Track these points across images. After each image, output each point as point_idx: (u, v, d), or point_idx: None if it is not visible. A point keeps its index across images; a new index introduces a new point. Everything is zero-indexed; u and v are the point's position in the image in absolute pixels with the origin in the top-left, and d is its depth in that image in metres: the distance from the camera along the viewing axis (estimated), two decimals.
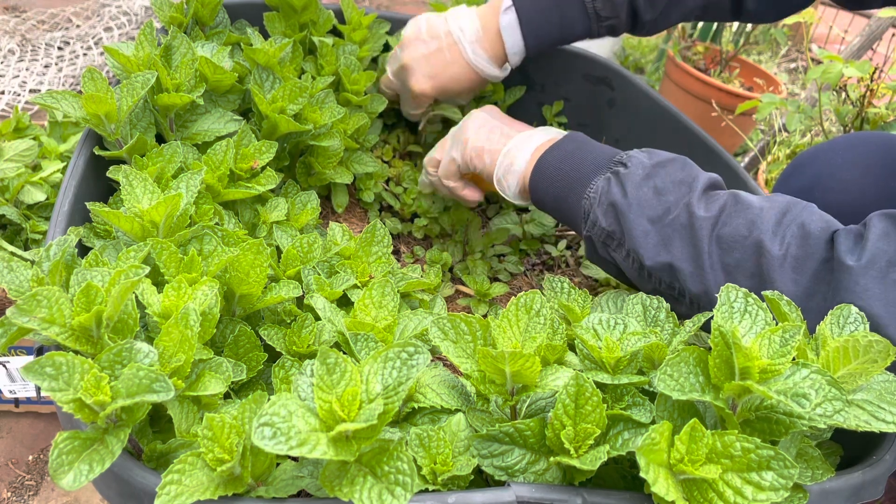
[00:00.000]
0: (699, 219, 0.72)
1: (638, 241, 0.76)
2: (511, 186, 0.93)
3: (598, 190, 0.81)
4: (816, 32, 2.49)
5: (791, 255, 0.66)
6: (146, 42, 0.86)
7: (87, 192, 0.78)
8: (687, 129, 1.13)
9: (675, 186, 0.76)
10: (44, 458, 1.06)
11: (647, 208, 0.76)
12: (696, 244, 0.72)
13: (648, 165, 0.79)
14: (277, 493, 0.52)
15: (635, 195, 0.77)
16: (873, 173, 1.00)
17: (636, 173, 0.78)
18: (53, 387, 0.50)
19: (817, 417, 0.51)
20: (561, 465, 0.56)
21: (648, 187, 0.77)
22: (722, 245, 0.70)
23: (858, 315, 0.60)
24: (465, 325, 0.61)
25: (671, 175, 0.78)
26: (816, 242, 0.65)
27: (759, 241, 0.67)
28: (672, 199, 0.75)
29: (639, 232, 0.76)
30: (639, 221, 0.76)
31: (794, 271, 0.65)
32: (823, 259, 0.65)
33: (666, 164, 0.79)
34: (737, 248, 0.69)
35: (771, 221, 0.68)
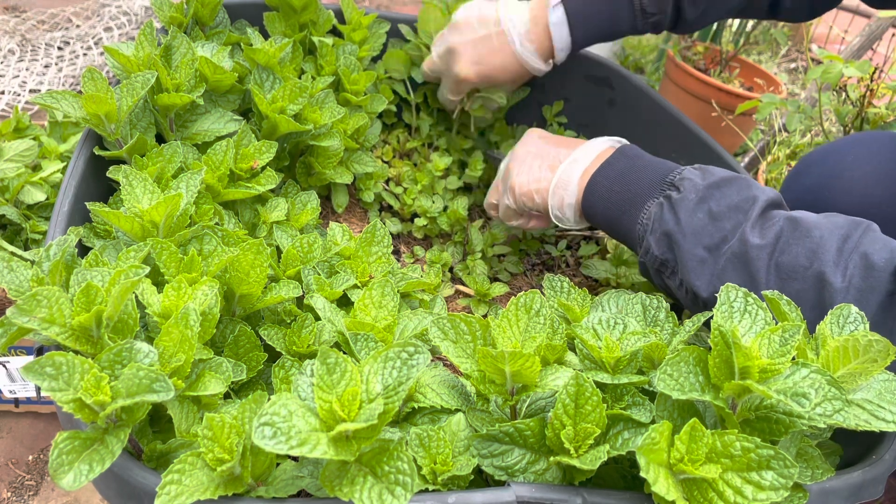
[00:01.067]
0: (754, 247, 0.69)
1: (692, 272, 0.73)
2: (570, 218, 0.92)
3: (651, 217, 0.79)
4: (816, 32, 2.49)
5: (854, 287, 0.64)
6: (146, 42, 0.86)
7: (87, 192, 0.78)
8: (687, 129, 1.13)
9: (731, 211, 0.73)
10: (44, 458, 1.06)
11: (702, 236, 0.73)
12: (752, 274, 0.69)
13: (702, 187, 0.76)
14: (277, 493, 0.52)
15: (689, 223, 0.74)
16: (882, 173, 0.99)
17: (689, 198, 0.76)
18: (53, 387, 0.50)
19: (817, 417, 0.51)
20: (561, 465, 0.56)
21: (703, 213, 0.74)
22: (781, 275, 0.68)
23: (858, 315, 0.59)
24: (465, 325, 0.61)
25: (727, 198, 0.74)
26: (880, 275, 0.63)
27: (821, 272, 0.65)
28: (728, 226, 0.73)
29: (694, 262, 0.73)
30: (693, 251, 0.73)
31: (858, 304, 0.63)
32: (888, 292, 0.63)
33: (721, 184, 0.76)
34: (797, 279, 0.67)
35: (832, 250, 0.66)
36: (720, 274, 0.71)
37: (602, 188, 0.85)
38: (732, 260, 0.71)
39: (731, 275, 0.71)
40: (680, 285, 0.76)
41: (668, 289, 0.80)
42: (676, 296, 0.79)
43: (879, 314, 0.63)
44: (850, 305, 0.60)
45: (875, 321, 0.63)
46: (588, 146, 0.91)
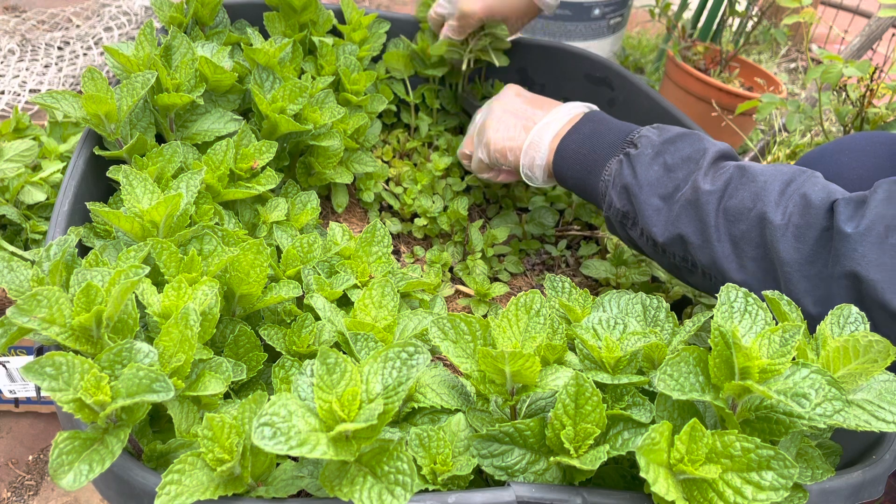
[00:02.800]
0: (705, 193, 0.74)
1: (650, 220, 0.79)
2: (538, 177, 0.97)
3: (612, 172, 0.84)
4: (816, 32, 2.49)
5: (793, 224, 0.67)
6: (146, 42, 0.86)
7: (87, 192, 0.78)
8: (688, 129, 1.12)
9: (684, 162, 0.79)
10: (44, 458, 1.06)
11: (657, 187, 0.79)
12: (702, 217, 0.74)
13: (658, 143, 0.81)
14: (277, 493, 0.52)
15: (645, 175, 0.80)
16: (881, 173, 0.99)
17: (645, 153, 0.81)
18: (53, 387, 0.50)
19: (817, 417, 0.51)
20: (561, 465, 0.56)
21: (658, 165, 0.80)
22: (728, 217, 0.72)
23: (859, 315, 0.59)
24: (465, 325, 0.61)
25: (680, 151, 0.80)
26: (817, 212, 0.67)
27: (762, 212, 0.69)
28: (681, 176, 0.78)
29: (650, 210, 0.79)
30: (649, 200, 0.79)
31: (796, 239, 0.67)
32: (824, 227, 0.66)
33: (675, 139, 0.81)
34: (742, 220, 0.71)
35: (774, 192, 0.70)
36: (674, 220, 0.76)
37: (570, 150, 0.91)
38: (685, 206, 0.76)
39: (683, 219, 0.76)
40: (641, 234, 0.81)
41: (632, 239, 0.85)
42: (638, 244, 0.84)
43: (815, 248, 0.66)
44: (850, 306, 0.60)
45: (810, 256, 0.66)
46: (560, 110, 0.97)
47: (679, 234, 0.76)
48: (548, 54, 1.28)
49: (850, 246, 0.63)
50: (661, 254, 0.80)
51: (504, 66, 1.28)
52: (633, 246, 0.86)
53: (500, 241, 1.12)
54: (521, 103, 1.02)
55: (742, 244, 0.71)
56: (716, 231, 0.72)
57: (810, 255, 0.66)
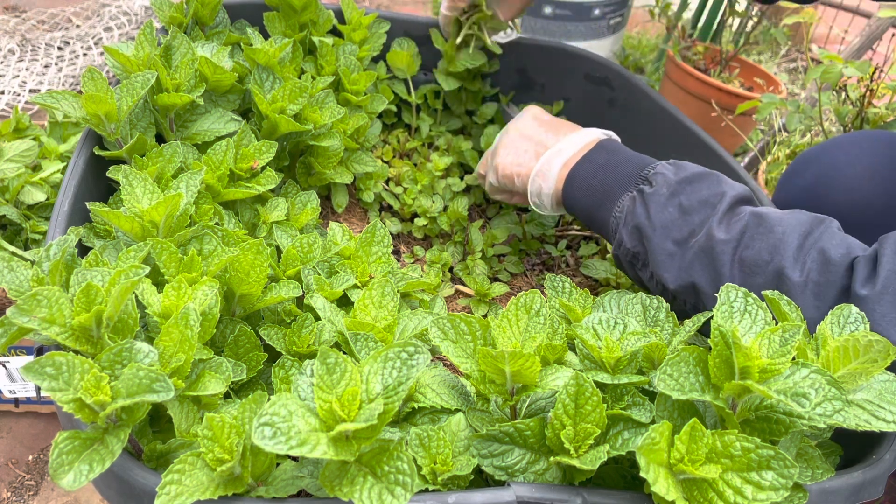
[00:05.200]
0: (719, 242, 0.71)
1: (661, 264, 0.75)
2: (546, 206, 0.95)
3: (625, 210, 0.81)
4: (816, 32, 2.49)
5: (812, 282, 0.66)
6: (146, 42, 0.86)
7: (87, 192, 0.78)
8: (687, 129, 1.13)
9: (701, 206, 0.75)
10: (44, 458, 1.06)
11: (671, 230, 0.75)
12: (717, 268, 0.71)
13: (674, 182, 0.78)
14: (277, 493, 0.52)
15: (659, 217, 0.76)
16: (877, 171, 1.00)
17: (661, 192, 0.77)
18: (53, 387, 0.50)
19: (817, 417, 0.51)
20: (561, 465, 0.56)
21: (673, 207, 0.76)
22: (744, 269, 0.69)
23: (859, 315, 0.60)
24: (465, 325, 0.61)
25: (697, 193, 0.76)
26: (836, 269, 0.65)
27: (780, 267, 0.67)
28: (697, 220, 0.74)
29: (662, 256, 0.75)
30: (662, 244, 0.75)
31: (816, 298, 0.65)
32: (843, 287, 0.65)
33: (693, 180, 0.78)
34: (759, 273, 0.69)
35: (792, 247, 0.68)
36: (687, 267, 0.73)
37: (581, 181, 0.88)
38: (699, 254, 0.72)
39: (697, 268, 0.72)
40: (650, 277, 0.79)
41: (641, 280, 0.82)
42: (648, 286, 0.81)
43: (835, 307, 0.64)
44: (850, 306, 0.60)
45: None
46: (574, 137, 0.93)
47: (692, 282, 0.73)
48: (548, 54, 1.28)
49: (869, 307, 0.62)
50: (671, 300, 0.76)
51: (503, 67, 1.29)
52: (641, 286, 0.83)
53: (500, 241, 1.12)
54: (535, 126, 0.99)
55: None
56: (731, 282, 0.70)
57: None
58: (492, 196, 1.08)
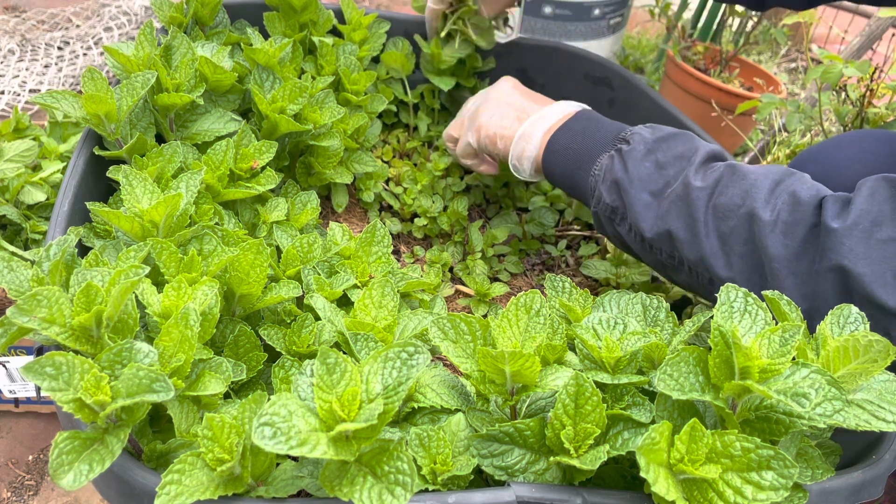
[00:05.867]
0: (695, 189, 0.74)
1: (639, 215, 0.79)
2: (526, 169, 0.97)
3: (603, 167, 0.84)
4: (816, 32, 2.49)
5: (781, 221, 0.68)
6: (146, 42, 0.86)
7: (87, 192, 0.78)
8: (687, 129, 1.12)
9: (676, 160, 0.79)
10: (44, 458, 1.06)
11: (647, 183, 0.79)
12: (692, 213, 0.74)
13: (650, 140, 0.81)
14: (277, 493, 0.52)
15: (636, 171, 0.80)
16: (875, 170, 1.00)
17: (638, 150, 0.81)
18: (53, 387, 0.50)
19: (817, 417, 0.51)
20: (561, 465, 0.56)
21: (650, 162, 0.80)
22: (717, 214, 0.72)
23: (859, 315, 0.59)
24: (465, 325, 0.61)
25: (672, 149, 0.80)
26: (805, 208, 0.67)
27: (752, 209, 0.70)
28: (672, 173, 0.78)
29: (640, 206, 0.79)
30: (639, 196, 0.79)
31: (784, 236, 0.67)
32: (812, 224, 0.67)
33: (668, 138, 0.82)
34: (731, 217, 0.71)
35: (764, 190, 0.70)
36: (664, 215, 0.77)
37: (561, 145, 0.91)
38: (675, 202, 0.76)
39: (673, 215, 0.76)
40: (629, 230, 0.81)
41: (619, 236, 0.84)
42: (626, 240, 0.83)
43: (803, 244, 0.67)
44: (850, 306, 0.60)
45: (799, 251, 0.67)
46: (556, 106, 0.97)
47: (667, 229, 0.76)
48: (548, 54, 1.28)
49: (837, 240, 0.63)
50: (648, 250, 0.80)
51: (503, 67, 1.28)
52: (620, 243, 0.86)
53: (500, 241, 1.12)
54: (517, 95, 1.02)
55: (730, 241, 0.71)
56: (704, 227, 0.73)
57: (798, 251, 0.67)
58: (461, 160, 1.10)
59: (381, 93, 1.17)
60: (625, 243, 0.85)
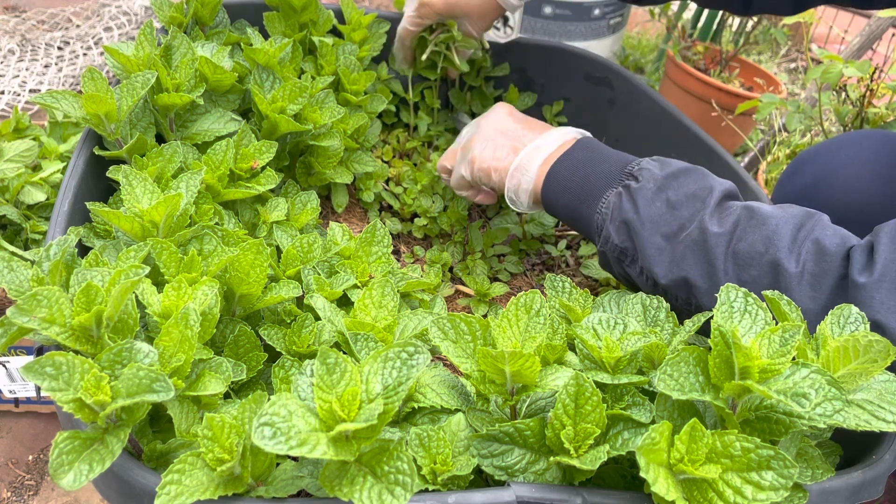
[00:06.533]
0: (713, 235, 0.71)
1: (652, 259, 0.75)
2: (524, 202, 0.93)
3: (610, 206, 0.80)
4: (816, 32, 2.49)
5: (808, 273, 0.65)
6: (146, 42, 0.86)
7: (87, 192, 0.78)
8: (687, 129, 1.13)
9: (689, 200, 0.75)
10: (44, 458, 1.06)
11: (660, 225, 0.75)
12: (710, 261, 0.71)
13: (660, 177, 0.77)
14: (277, 493, 0.52)
15: (647, 211, 0.76)
16: (876, 170, 1.00)
17: (647, 187, 0.77)
18: (53, 387, 0.50)
19: (817, 417, 0.51)
20: (561, 465, 0.56)
21: (661, 201, 0.76)
22: (738, 262, 0.69)
23: (859, 315, 0.59)
24: (465, 325, 0.61)
25: (684, 187, 0.76)
26: (832, 259, 0.65)
27: (775, 258, 0.67)
28: (686, 214, 0.74)
29: (652, 250, 0.75)
30: (652, 239, 0.75)
31: (812, 288, 0.65)
32: (840, 276, 0.64)
33: (679, 174, 0.78)
34: (753, 265, 0.68)
35: (787, 237, 0.68)
36: (679, 261, 0.73)
37: (562, 178, 0.86)
38: (692, 247, 0.72)
39: (689, 261, 0.72)
40: (640, 273, 0.77)
41: (629, 277, 0.81)
42: (636, 283, 0.80)
43: (832, 297, 0.65)
44: (850, 306, 0.60)
45: (828, 304, 0.64)
46: (552, 134, 0.92)
47: (684, 276, 0.72)
48: (548, 54, 1.28)
49: (867, 294, 0.61)
50: (661, 294, 0.76)
51: (507, 71, 1.29)
52: (629, 284, 0.83)
53: (500, 241, 1.12)
54: (511, 123, 0.98)
55: (753, 290, 0.66)
56: (724, 276, 0.69)
57: (827, 304, 0.64)
58: (457, 192, 1.06)
59: (380, 93, 1.17)
60: (634, 284, 0.81)
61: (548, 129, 0.95)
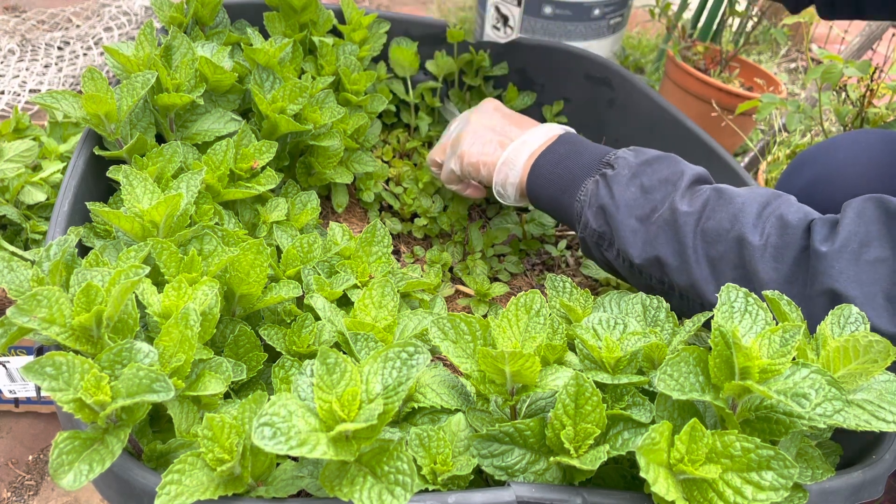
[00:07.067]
0: (683, 214, 0.74)
1: (626, 240, 0.78)
2: (511, 195, 0.96)
3: (588, 192, 0.83)
4: (816, 32, 2.49)
5: (771, 245, 0.68)
6: (146, 42, 0.86)
7: (87, 192, 0.78)
8: (687, 129, 1.13)
9: (661, 184, 0.78)
10: (44, 458, 1.06)
11: (634, 208, 0.78)
12: (680, 239, 0.73)
13: (635, 164, 0.81)
14: (277, 493, 0.52)
15: (622, 196, 0.79)
16: (876, 170, 0.99)
17: (622, 174, 0.81)
18: (53, 387, 0.50)
19: (817, 417, 0.51)
20: (561, 465, 0.56)
21: (635, 186, 0.79)
22: (706, 239, 0.72)
23: (859, 315, 0.60)
24: (465, 325, 0.61)
25: (657, 173, 0.80)
26: (794, 232, 0.67)
27: (741, 233, 0.69)
28: (658, 197, 0.78)
29: (627, 231, 0.78)
30: (626, 221, 0.78)
31: (775, 260, 0.67)
32: (801, 247, 0.67)
33: (652, 161, 0.81)
34: (720, 241, 0.71)
35: (752, 214, 0.70)
36: (652, 240, 0.76)
37: (545, 170, 0.90)
38: (663, 227, 0.75)
39: (661, 241, 0.75)
40: (617, 255, 0.81)
41: (608, 261, 0.84)
42: (614, 266, 0.83)
43: (793, 268, 0.66)
44: (850, 306, 0.60)
45: (789, 275, 0.67)
46: (538, 130, 0.96)
47: (656, 255, 0.75)
48: (548, 54, 1.28)
49: (827, 264, 0.63)
50: (637, 275, 0.79)
51: (505, 70, 1.29)
52: (609, 268, 0.86)
53: (500, 241, 1.12)
54: (499, 118, 1.01)
55: (720, 266, 0.71)
56: (694, 253, 0.72)
57: (789, 275, 0.66)
58: (447, 185, 1.09)
59: (380, 93, 1.17)
60: (613, 268, 0.84)
61: (534, 124, 0.99)
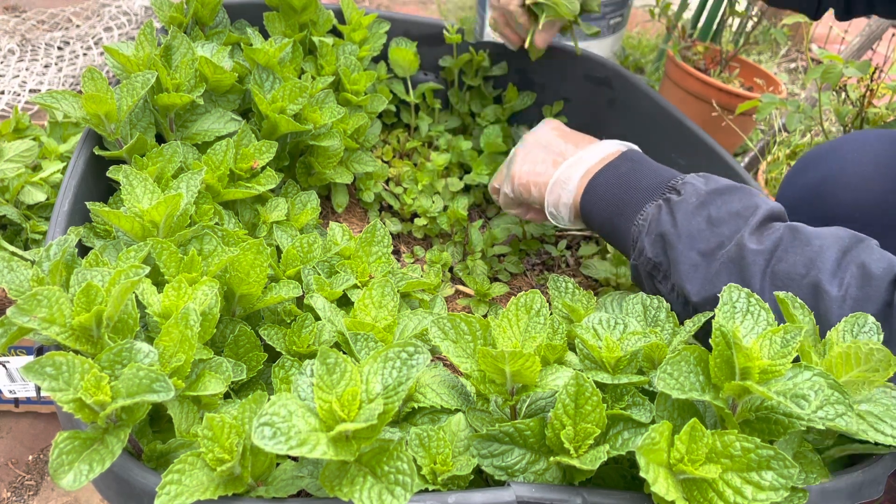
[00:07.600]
0: (751, 252, 0.68)
1: (685, 275, 0.71)
2: (564, 217, 0.90)
3: (648, 217, 0.77)
4: (816, 32, 2.49)
5: (851, 297, 0.62)
6: (146, 42, 0.86)
7: (87, 192, 0.78)
8: (687, 129, 1.13)
9: (732, 217, 0.72)
10: (44, 458, 1.06)
11: (697, 240, 0.72)
12: (746, 279, 0.67)
13: (704, 192, 0.74)
14: (277, 493, 0.52)
15: (686, 225, 0.73)
16: (882, 170, 0.99)
17: (689, 202, 0.74)
18: (53, 387, 0.50)
19: (818, 420, 0.51)
20: (561, 465, 0.56)
21: (702, 217, 0.73)
22: (776, 282, 0.66)
23: (874, 324, 0.58)
24: (465, 325, 0.61)
25: (728, 204, 0.73)
26: (878, 284, 0.62)
27: (817, 280, 0.64)
28: (726, 232, 0.71)
29: (686, 265, 0.71)
30: (687, 254, 0.72)
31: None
32: (885, 302, 0.61)
33: (724, 191, 0.74)
34: (792, 286, 0.65)
35: (830, 260, 0.64)
36: (713, 278, 0.69)
37: (602, 189, 0.84)
38: (727, 264, 0.69)
39: (724, 279, 0.68)
40: (671, 290, 0.74)
41: (659, 293, 0.78)
42: (667, 301, 0.77)
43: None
44: (867, 315, 0.59)
45: None
46: (596, 147, 0.90)
47: (717, 295, 0.68)
48: (548, 54, 1.27)
49: None
50: (691, 314, 0.71)
51: (505, 70, 1.29)
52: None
53: (500, 241, 1.12)
54: (554, 137, 0.96)
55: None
56: (761, 296, 0.64)
57: None
58: (506, 210, 1.04)
59: (380, 93, 1.17)
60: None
61: (592, 141, 0.92)
